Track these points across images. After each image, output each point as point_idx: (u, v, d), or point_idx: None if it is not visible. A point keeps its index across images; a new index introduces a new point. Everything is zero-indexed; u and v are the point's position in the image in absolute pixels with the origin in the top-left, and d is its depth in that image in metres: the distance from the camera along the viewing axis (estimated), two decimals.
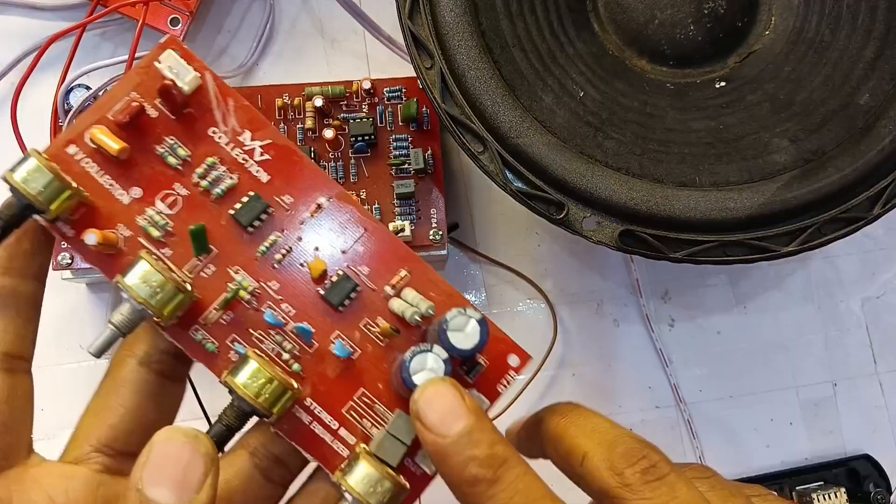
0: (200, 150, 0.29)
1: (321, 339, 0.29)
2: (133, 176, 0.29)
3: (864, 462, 0.42)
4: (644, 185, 0.34)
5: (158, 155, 0.29)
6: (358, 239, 0.30)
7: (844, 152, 0.35)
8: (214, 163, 0.29)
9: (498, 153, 0.35)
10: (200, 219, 0.29)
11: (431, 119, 0.42)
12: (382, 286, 0.29)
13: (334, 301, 0.29)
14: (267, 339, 0.29)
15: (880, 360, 0.44)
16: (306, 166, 0.30)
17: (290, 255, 0.29)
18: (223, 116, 0.30)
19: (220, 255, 0.29)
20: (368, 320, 0.29)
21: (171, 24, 0.43)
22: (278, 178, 0.29)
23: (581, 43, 0.38)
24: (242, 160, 0.29)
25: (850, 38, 0.37)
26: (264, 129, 0.29)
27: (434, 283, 0.30)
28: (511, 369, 0.30)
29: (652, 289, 0.44)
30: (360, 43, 0.46)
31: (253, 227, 0.29)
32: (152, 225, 0.29)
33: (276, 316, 0.29)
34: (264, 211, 0.29)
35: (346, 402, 0.29)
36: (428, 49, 0.35)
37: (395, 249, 0.30)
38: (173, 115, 0.29)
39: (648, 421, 0.43)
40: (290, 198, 0.29)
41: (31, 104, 0.41)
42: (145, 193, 0.29)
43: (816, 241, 0.34)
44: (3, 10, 0.46)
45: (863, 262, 0.45)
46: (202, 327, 0.29)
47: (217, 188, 0.29)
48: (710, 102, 0.38)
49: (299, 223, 0.30)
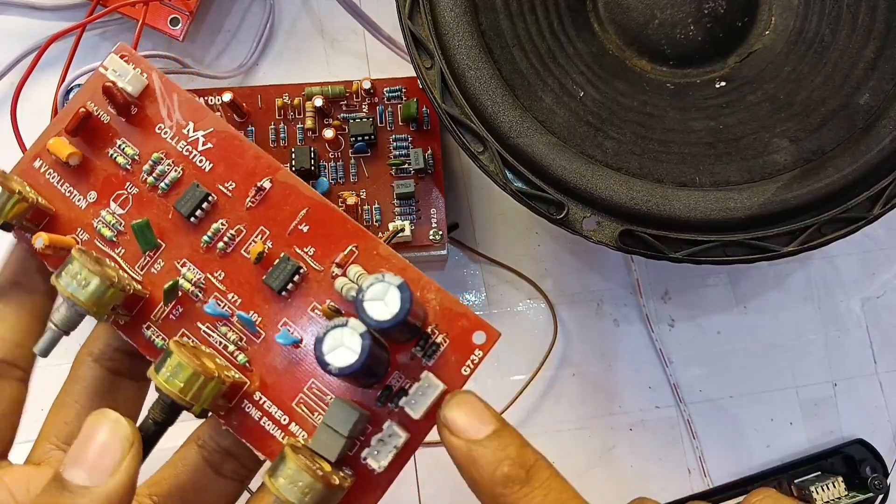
0: (148, 148, 0.30)
1: (268, 328, 0.28)
2: (90, 181, 0.30)
3: (859, 447, 0.42)
4: (644, 185, 0.34)
5: (110, 157, 0.30)
6: (302, 218, 0.29)
7: (845, 152, 0.35)
8: (160, 158, 0.30)
9: (498, 153, 0.35)
10: (147, 214, 0.29)
11: (431, 119, 0.42)
12: (329, 265, 0.28)
13: (275, 285, 0.28)
14: (214, 332, 0.28)
15: (880, 360, 0.44)
16: (248, 150, 0.29)
17: (234, 242, 0.29)
18: (168, 112, 0.30)
19: (167, 249, 0.29)
20: (316, 304, 0.28)
21: (170, 23, 0.43)
22: (220, 165, 0.29)
23: (581, 43, 0.38)
24: (186, 152, 0.30)
25: (850, 37, 0.37)
26: (205, 119, 0.30)
27: (385, 257, 0.28)
28: (476, 347, 0.27)
29: (652, 289, 0.44)
30: (360, 43, 0.46)
31: (195, 217, 0.29)
32: (105, 225, 0.29)
33: (217, 307, 0.28)
34: (205, 199, 0.29)
35: (296, 394, 0.28)
36: (428, 49, 0.35)
37: (342, 226, 0.28)
38: (122, 116, 0.30)
39: (648, 421, 0.43)
40: (232, 183, 0.29)
41: (31, 104, 0.41)
42: (100, 196, 0.30)
43: (816, 241, 0.34)
44: (3, 10, 0.46)
45: (863, 262, 0.45)
46: (153, 323, 0.29)
47: (162, 182, 0.29)
48: (710, 102, 0.38)
49: (244, 209, 0.29)
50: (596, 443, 0.43)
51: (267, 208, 0.29)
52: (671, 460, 0.43)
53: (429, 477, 0.42)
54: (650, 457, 0.43)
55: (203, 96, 0.42)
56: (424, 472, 0.42)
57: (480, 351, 0.27)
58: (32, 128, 0.39)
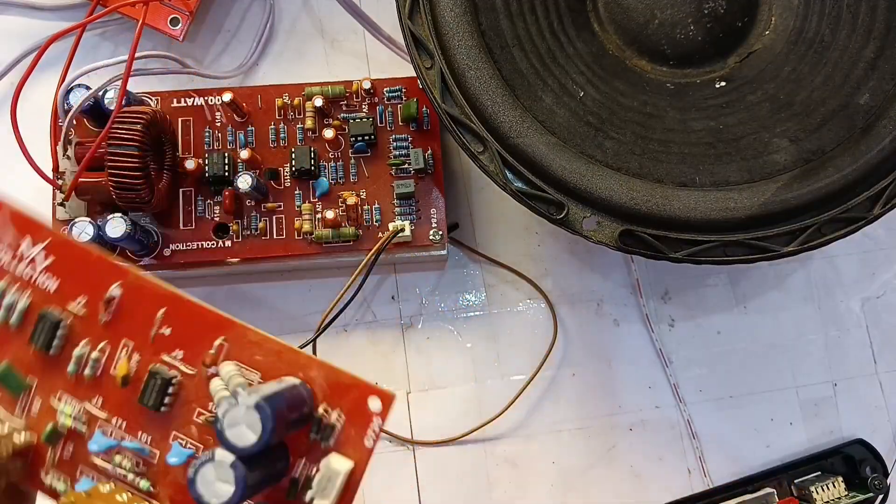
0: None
1: (161, 446, 0.26)
2: None
3: (859, 446, 0.42)
4: (644, 185, 0.34)
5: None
6: (161, 320, 0.26)
7: (845, 152, 0.35)
8: (3, 287, 0.27)
9: (498, 153, 0.35)
10: (6, 355, 0.26)
11: (431, 119, 0.42)
12: (200, 365, 0.26)
13: (150, 405, 0.26)
14: (110, 463, 0.26)
15: (880, 360, 0.44)
16: (90, 255, 0.27)
17: (101, 363, 0.27)
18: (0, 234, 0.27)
19: (39, 386, 0.27)
20: (200, 409, 0.26)
21: (170, 23, 0.43)
22: (67, 279, 0.27)
23: (581, 43, 0.38)
24: (29, 275, 0.27)
25: (850, 37, 0.37)
26: (41, 230, 0.27)
27: (257, 343, 0.26)
28: (374, 416, 0.25)
29: (652, 289, 0.44)
30: (360, 43, 0.46)
31: (52, 346, 0.26)
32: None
33: (103, 438, 0.26)
34: (57, 326, 0.26)
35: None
36: (428, 49, 0.35)
37: (204, 319, 0.26)
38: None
39: (648, 421, 0.43)
40: (83, 298, 0.27)
41: (31, 104, 0.41)
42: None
43: (816, 241, 0.34)
44: (3, 10, 0.46)
45: (863, 262, 0.45)
46: (50, 467, 0.27)
47: (13, 316, 0.27)
48: (710, 102, 0.38)
49: (100, 325, 0.26)
50: (596, 443, 0.43)
51: (123, 318, 0.27)
52: (671, 460, 0.43)
53: (429, 478, 0.42)
54: (650, 457, 0.43)
55: (203, 96, 0.42)
56: (424, 472, 0.42)
57: (379, 418, 0.25)
58: (32, 128, 0.39)
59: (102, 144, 0.37)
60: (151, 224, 0.41)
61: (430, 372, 0.43)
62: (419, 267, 0.44)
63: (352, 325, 0.43)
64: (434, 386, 0.43)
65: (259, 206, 0.41)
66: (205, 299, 0.43)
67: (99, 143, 0.37)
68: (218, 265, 0.41)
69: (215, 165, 0.41)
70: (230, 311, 0.43)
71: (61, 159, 0.40)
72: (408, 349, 0.43)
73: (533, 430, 0.43)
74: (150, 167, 0.38)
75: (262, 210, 0.41)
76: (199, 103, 0.42)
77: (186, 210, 0.41)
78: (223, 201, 0.40)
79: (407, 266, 0.44)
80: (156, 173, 0.39)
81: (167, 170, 0.40)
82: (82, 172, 0.38)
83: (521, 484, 0.42)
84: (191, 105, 0.42)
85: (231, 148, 0.42)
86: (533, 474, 0.42)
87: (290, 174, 0.41)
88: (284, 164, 0.42)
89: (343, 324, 0.43)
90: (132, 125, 0.37)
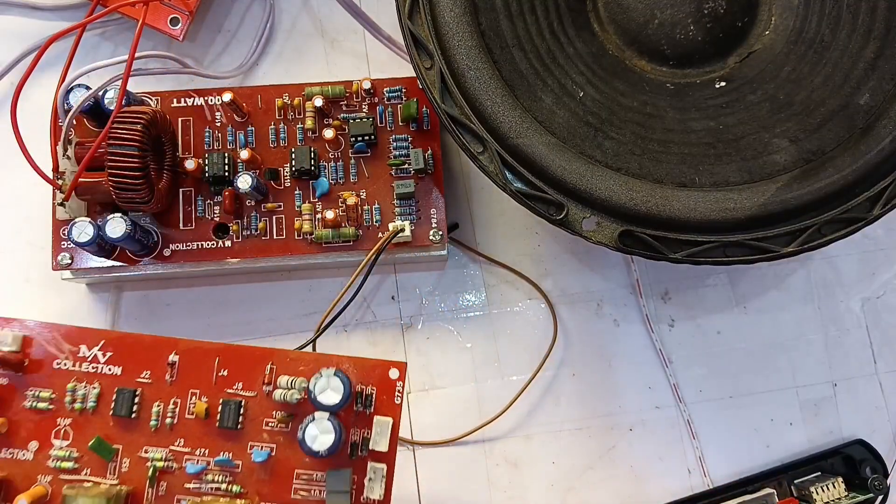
0: (59, 383, 0.34)
1: (241, 457, 0.34)
2: (22, 436, 0.34)
3: (859, 447, 0.42)
4: (644, 186, 0.34)
5: (30, 407, 0.34)
6: (217, 367, 0.34)
7: (844, 152, 0.35)
8: (74, 386, 0.34)
9: (497, 153, 0.35)
10: (92, 433, 0.34)
11: (431, 119, 0.42)
12: (259, 387, 0.34)
13: (230, 425, 0.34)
14: (203, 483, 0.34)
15: (880, 360, 0.44)
16: (142, 340, 0.35)
17: (176, 413, 0.34)
18: (57, 347, 0.35)
19: (125, 449, 0.34)
20: (266, 419, 0.34)
21: (170, 23, 0.43)
22: (128, 363, 0.34)
23: (581, 43, 0.38)
24: (93, 369, 0.34)
25: (850, 37, 0.37)
26: (93, 336, 0.35)
27: (297, 360, 0.34)
28: (396, 381, 0.35)
29: (652, 289, 0.44)
30: (360, 43, 0.46)
31: (133, 412, 0.34)
32: (61, 460, 0.34)
33: (195, 464, 0.34)
34: (133, 396, 0.34)
35: (290, 487, 0.34)
36: (427, 49, 0.35)
37: (251, 355, 0.35)
38: (18, 372, 0.34)
39: (648, 421, 0.43)
40: (147, 372, 0.34)
41: (31, 104, 0.41)
42: (41, 442, 0.34)
43: (816, 242, 0.34)
44: (3, 10, 0.46)
45: (862, 262, 0.45)
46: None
47: (88, 403, 0.34)
48: (710, 102, 0.37)
49: (168, 385, 0.35)
50: (596, 443, 0.43)
51: (186, 374, 0.34)
52: (671, 460, 0.43)
53: (429, 478, 0.42)
54: (650, 457, 0.43)
55: (203, 96, 0.42)
56: (424, 470, 0.42)
57: (400, 382, 0.35)
58: (32, 128, 0.39)
59: (102, 144, 0.37)
60: (151, 224, 0.41)
61: (429, 372, 0.43)
62: (419, 267, 0.44)
63: (352, 325, 0.43)
64: (434, 386, 0.43)
65: (259, 206, 0.41)
66: (205, 298, 0.43)
67: (99, 143, 0.37)
68: (218, 265, 0.41)
69: (215, 165, 0.41)
70: (229, 311, 0.43)
71: (61, 159, 0.40)
72: (408, 349, 0.43)
73: (533, 430, 0.43)
74: (150, 167, 0.38)
75: (262, 210, 0.41)
76: (199, 103, 0.42)
77: (186, 210, 0.41)
78: (223, 201, 0.40)
79: (407, 266, 0.44)
80: (156, 173, 0.39)
81: (167, 170, 0.40)
82: (82, 172, 0.38)
83: (521, 484, 0.42)
84: (191, 105, 0.42)
85: (231, 148, 0.42)
86: (533, 474, 0.42)
87: (290, 174, 0.41)
88: (284, 164, 0.42)
89: (343, 324, 0.43)
90: (132, 125, 0.37)
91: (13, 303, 0.43)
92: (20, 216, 0.44)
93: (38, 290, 0.42)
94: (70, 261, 0.40)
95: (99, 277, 0.42)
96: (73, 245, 0.39)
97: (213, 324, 0.43)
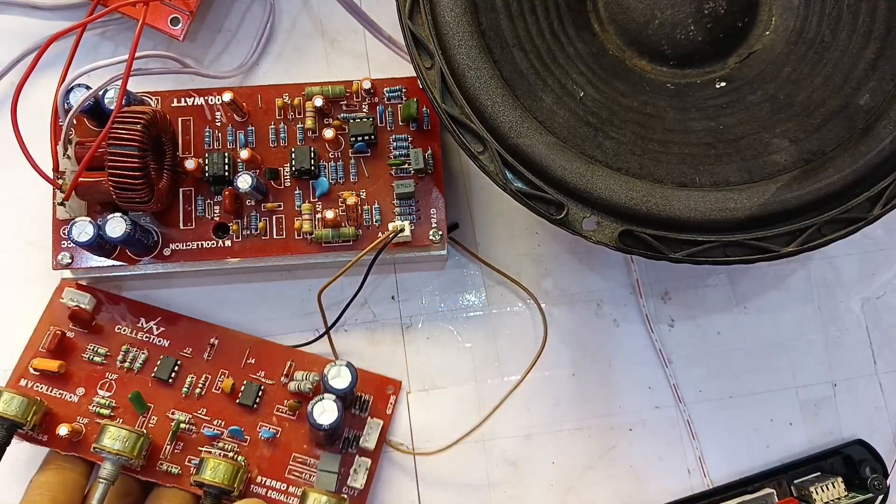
0: (114, 344, 0.41)
1: (251, 433, 0.40)
2: (74, 381, 0.40)
3: (859, 447, 0.42)
4: (644, 186, 0.34)
5: (87, 359, 0.40)
6: (248, 354, 0.41)
7: (844, 153, 0.35)
8: (127, 349, 0.41)
9: (498, 153, 0.35)
10: (132, 389, 0.40)
11: (431, 119, 0.42)
12: (278, 378, 0.41)
13: (248, 402, 0.40)
14: (214, 449, 0.40)
15: (880, 360, 0.44)
16: (192, 323, 0.41)
17: (206, 385, 0.40)
18: (121, 315, 0.41)
19: (155, 408, 0.40)
20: (278, 405, 0.41)
21: (171, 23, 0.43)
22: (175, 339, 0.41)
23: (581, 43, 0.38)
24: (146, 338, 0.41)
25: (850, 38, 0.37)
26: (152, 312, 0.41)
27: (313, 361, 0.41)
28: (389, 395, 0.42)
29: (652, 289, 0.44)
30: (360, 43, 0.46)
31: (171, 378, 0.40)
32: (101, 407, 0.40)
33: (212, 430, 0.40)
34: (175, 364, 0.40)
35: (286, 466, 0.40)
36: (428, 49, 0.35)
37: (276, 352, 0.41)
38: (86, 329, 0.41)
39: (648, 421, 0.43)
40: (189, 349, 0.41)
41: (32, 104, 0.41)
42: (87, 389, 0.40)
43: (816, 242, 0.34)
44: (3, 10, 0.46)
45: (863, 262, 0.45)
46: (164, 461, 0.39)
47: (136, 364, 0.41)
48: (710, 103, 0.38)
49: (204, 362, 0.41)
50: (596, 443, 0.43)
51: (220, 356, 0.41)
52: (671, 460, 0.43)
53: (429, 478, 0.42)
54: (650, 457, 0.43)
55: (203, 96, 0.42)
56: (424, 472, 0.42)
57: (394, 396, 0.42)
58: (33, 127, 0.39)
59: (102, 144, 0.37)
60: (151, 224, 0.41)
61: (429, 372, 0.43)
62: (419, 267, 0.44)
63: (351, 325, 0.43)
64: (434, 386, 0.43)
65: (259, 206, 0.41)
66: (205, 298, 0.43)
67: (99, 143, 0.37)
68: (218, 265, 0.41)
69: (215, 165, 0.41)
70: (229, 311, 0.43)
71: (61, 159, 0.40)
72: (408, 349, 0.43)
73: (533, 430, 0.43)
74: (150, 167, 0.38)
75: (262, 210, 0.41)
76: (199, 103, 0.42)
77: (186, 210, 0.41)
78: (223, 201, 0.40)
79: (407, 266, 0.44)
80: (156, 173, 0.39)
81: (167, 169, 0.40)
82: (82, 172, 0.38)
83: (521, 484, 0.42)
84: (191, 105, 0.42)
85: (231, 148, 0.42)
86: (533, 474, 0.42)
87: (290, 174, 0.41)
88: (284, 163, 0.42)
89: (343, 324, 0.43)
90: (132, 125, 0.37)
91: (13, 302, 0.43)
92: (20, 216, 0.44)
93: (38, 290, 0.42)
94: (70, 260, 0.40)
95: (99, 277, 0.42)
96: (73, 244, 0.39)
97: (213, 323, 0.42)
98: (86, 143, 0.40)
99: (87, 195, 0.40)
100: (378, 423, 0.40)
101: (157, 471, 0.39)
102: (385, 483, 0.42)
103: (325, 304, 0.41)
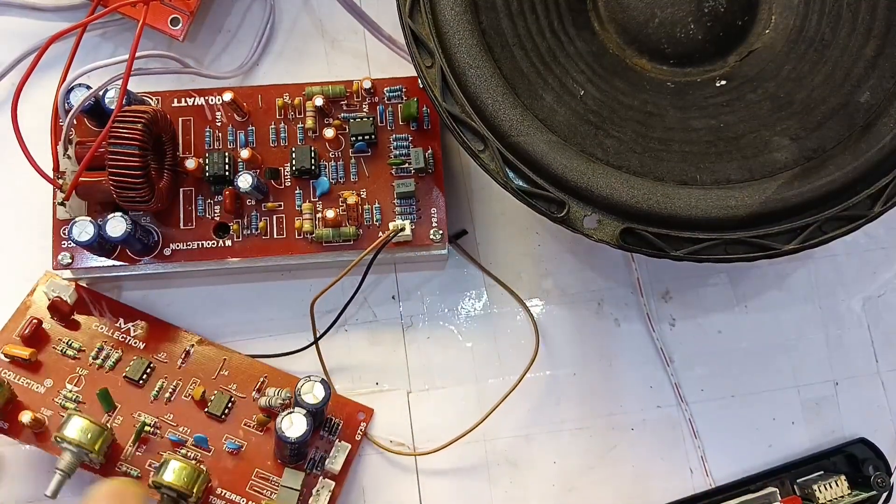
0: (90, 340, 0.40)
1: (216, 443, 0.40)
2: (42, 372, 0.40)
3: (861, 446, 0.42)
4: (645, 184, 0.34)
5: (59, 352, 0.40)
6: (222, 366, 0.41)
7: (845, 150, 0.35)
8: (101, 346, 0.40)
9: (499, 151, 0.34)
10: (101, 386, 0.39)
11: (432, 118, 0.42)
12: (249, 392, 0.41)
13: (216, 412, 0.40)
14: (175, 455, 0.38)
15: (882, 359, 0.44)
16: (169, 329, 0.41)
17: (175, 392, 0.40)
18: (100, 312, 0.41)
19: (123, 408, 0.40)
20: (246, 419, 0.40)
21: (171, 24, 0.43)
22: (151, 342, 0.41)
23: (581, 42, 0.38)
24: (122, 338, 0.41)
25: (850, 36, 0.37)
26: (132, 314, 0.41)
27: (286, 378, 0.41)
28: (360, 422, 0.41)
29: (653, 288, 0.44)
30: (360, 42, 0.46)
31: (143, 380, 0.40)
32: (68, 401, 0.39)
33: (177, 435, 0.39)
34: (147, 367, 0.40)
35: (247, 481, 0.39)
36: (428, 48, 0.35)
37: (251, 366, 0.41)
38: (63, 322, 0.40)
39: (650, 420, 0.43)
40: (164, 354, 0.41)
41: (32, 104, 0.41)
42: (55, 382, 0.39)
43: (817, 240, 0.34)
44: (3, 10, 0.46)
45: (864, 260, 0.45)
46: (125, 461, 0.39)
47: (108, 362, 0.40)
48: (711, 101, 0.38)
49: (177, 368, 0.41)
50: (597, 443, 0.43)
51: (194, 364, 0.41)
52: (673, 460, 0.43)
53: (429, 477, 0.42)
54: (652, 457, 0.43)
55: (203, 96, 0.42)
56: (425, 472, 0.42)
57: (364, 423, 0.41)
58: (33, 127, 0.39)
59: (103, 144, 0.37)
60: (152, 223, 0.41)
61: (430, 371, 0.43)
62: (420, 266, 0.44)
63: (352, 325, 0.43)
64: (434, 385, 0.43)
65: (259, 206, 0.41)
66: (205, 298, 0.43)
67: (99, 143, 0.37)
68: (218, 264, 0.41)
69: (216, 165, 0.41)
70: (229, 311, 0.43)
71: (62, 159, 0.40)
72: (408, 349, 0.43)
73: (533, 430, 0.43)
74: (151, 167, 0.38)
75: (262, 209, 0.41)
76: (200, 103, 0.42)
77: (187, 209, 0.41)
78: (223, 201, 0.40)
79: (407, 266, 0.44)
80: (156, 173, 0.39)
81: (168, 169, 0.40)
82: (83, 172, 0.38)
83: (521, 484, 0.42)
84: (191, 105, 0.42)
85: (231, 147, 0.42)
86: (533, 474, 0.42)
87: (290, 174, 0.41)
88: (285, 163, 0.42)
89: (343, 323, 0.43)
90: (133, 125, 0.37)
91: (13, 302, 0.43)
92: (20, 216, 0.44)
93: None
94: (70, 260, 0.40)
95: (99, 277, 0.42)
96: (73, 244, 0.39)
97: (212, 323, 0.42)
98: (86, 143, 0.40)
99: (87, 195, 0.40)
100: (346, 446, 0.40)
101: (117, 471, 0.38)
102: (385, 483, 0.42)
103: (325, 305, 0.41)
